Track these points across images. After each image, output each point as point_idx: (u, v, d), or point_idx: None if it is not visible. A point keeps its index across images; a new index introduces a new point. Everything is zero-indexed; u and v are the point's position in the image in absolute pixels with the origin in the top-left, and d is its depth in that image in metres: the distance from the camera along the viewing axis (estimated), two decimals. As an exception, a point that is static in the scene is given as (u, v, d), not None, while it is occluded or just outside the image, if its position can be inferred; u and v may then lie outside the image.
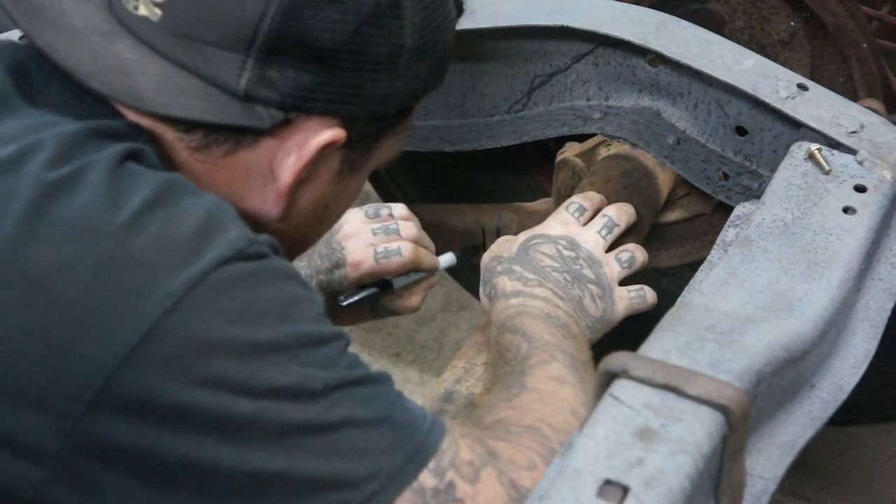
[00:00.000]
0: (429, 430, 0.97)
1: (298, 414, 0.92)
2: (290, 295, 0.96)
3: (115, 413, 0.89)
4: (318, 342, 0.95)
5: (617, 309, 1.37)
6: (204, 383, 0.89)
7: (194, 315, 0.90)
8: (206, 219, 0.94)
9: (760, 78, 1.42)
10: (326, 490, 0.93)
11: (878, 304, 1.26)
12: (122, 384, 0.88)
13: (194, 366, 0.89)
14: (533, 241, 1.37)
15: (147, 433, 0.90)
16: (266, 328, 0.92)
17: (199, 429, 0.90)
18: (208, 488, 0.92)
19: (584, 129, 1.56)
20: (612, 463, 0.87)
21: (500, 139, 1.61)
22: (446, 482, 0.97)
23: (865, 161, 1.34)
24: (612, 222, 1.40)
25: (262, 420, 0.91)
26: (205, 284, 0.91)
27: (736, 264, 1.20)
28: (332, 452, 0.93)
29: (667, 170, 1.55)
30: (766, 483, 1.05)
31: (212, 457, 0.91)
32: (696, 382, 0.94)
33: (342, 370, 0.95)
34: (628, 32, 1.49)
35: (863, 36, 1.54)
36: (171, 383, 0.89)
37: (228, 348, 0.90)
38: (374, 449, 0.94)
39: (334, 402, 0.94)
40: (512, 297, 1.30)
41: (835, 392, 1.16)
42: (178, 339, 0.89)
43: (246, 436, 0.91)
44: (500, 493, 0.99)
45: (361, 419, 0.95)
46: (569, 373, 1.18)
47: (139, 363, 0.88)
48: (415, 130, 1.65)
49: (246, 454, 0.91)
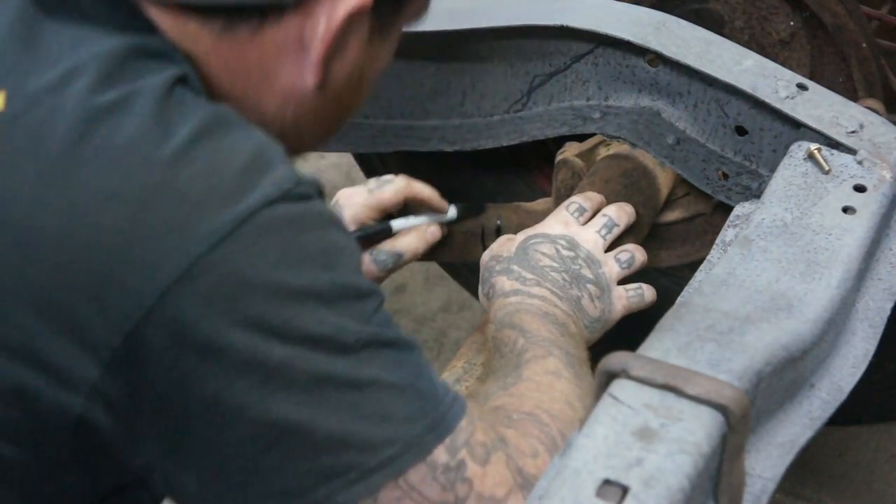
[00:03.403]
0: (450, 406, 0.97)
1: (329, 366, 0.92)
2: (332, 242, 0.95)
3: (152, 346, 0.89)
4: (356, 294, 0.95)
5: (615, 309, 1.37)
6: (241, 324, 0.89)
7: (237, 254, 0.89)
8: (253, 155, 0.93)
9: (760, 78, 1.42)
10: (343, 449, 0.93)
11: (878, 303, 1.26)
12: (161, 318, 0.88)
13: (233, 305, 0.89)
14: (532, 241, 1.37)
15: (179, 369, 0.89)
16: (307, 274, 0.92)
17: (231, 370, 0.90)
18: (228, 433, 0.92)
19: (583, 129, 1.56)
20: (611, 463, 0.87)
21: (500, 139, 1.61)
22: (458, 460, 0.96)
23: (865, 161, 1.34)
24: (612, 222, 1.40)
25: (293, 368, 0.91)
26: (250, 224, 0.90)
27: (735, 264, 1.20)
28: (355, 411, 0.93)
29: (667, 170, 1.55)
30: (766, 483, 1.05)
31: (238, 400, 0.90)
32: (696, 382, 0.94)
33: (376, 327, 0.95)
34: (628, 32, 1.48)
35: (863, 36, 1.54)
36: (208, 321, 0.89)
37: (268, 291, 0.90)
38: (395, 415, 0.94)
39: (364, 360, 0.93)
40: (510, 296, 1.30)
41: (834, 392, 1.16)
42: (219, 277, 0.89)
43: (274, 383, 0.90)
44: (507, 478, 0.99)
45: (388, 382, 0.94)
46: (564, 368, 1.18)
47: (178, 298, 0.88)
48: (414, 130, 1.65)
49: (271, 402, 0.91)
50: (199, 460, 0.94)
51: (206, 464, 0.94)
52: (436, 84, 1.64)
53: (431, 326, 2.45)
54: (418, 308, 2.49)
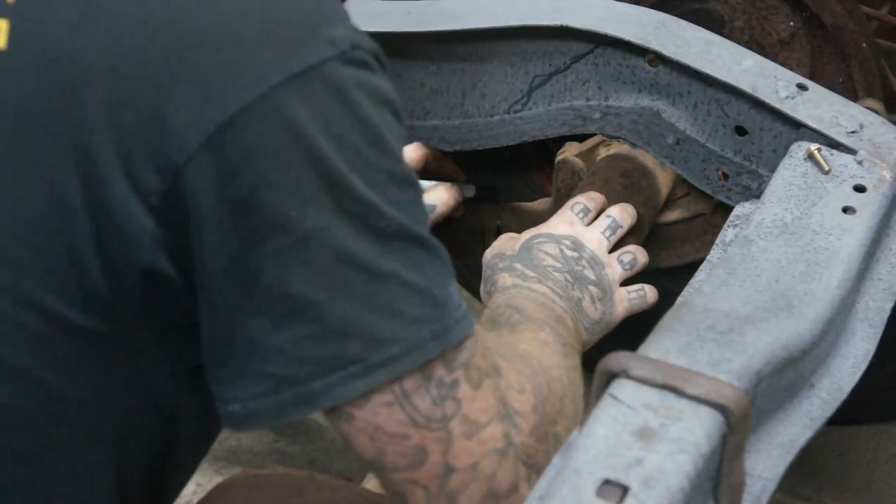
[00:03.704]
0: (459, 320, 0.96)
1: (354, 246, 0.90)
2: (381, 121, 0.92)
3: (193, 192, 0.87)
4: (395, 178, 0.92)
5: (616, 311, 1.37)
6: (278, 184, 0.87)
7: (285, 108, 0.87)
8: (314, 7, 0.91)
9: (760, 78, 1.42)
10: (349, 339, 0.91)
11: (878, 303, 1.26)
12: (201, 165, 0.86)
13: (272, 164, 0.87)
14: (536, 240, 1.37)
15: (214, 219, 0.88)
16: (350, 144, 0.89)
17: (260, 230, 0.88)
18: (243, 297, 0.90)
19: (584, 129, 1.56)
20: (611, 463, 0.87)
21: (500, 139, 1.61)
22: (452, 378, 0.96)
23: (865, 161, 1.34)
24: (616, 223, 1.40)
25: (320, 241, 0.89)
26: (302, 79, 0.87)
27: (735, 264, 1.21)
28: (370, 301, 0.91)
29: (667, 170, 1.55)
30: (766, 483, 1.05)
31: (260, 264, 0.89)
32: (696, 382, 0.94)
33: (408, 219, 0.93)
34: (628, 32, 1.49)
35: (863, 36, 1.54)
36: (246, 175, 0.87)
37: (311, 155, 0.88)
38: (405, 314, 0.92)
39: (389, 250, 0.91)
40: (510, 289, 1.30)
41: (834, 392, 1.16)
42: (263, 130, 0.86)
43: (299, 253, 0.89)
44: (493, 406, 0.98)
45: (406, 280, 0.92)
46: (554, 343, 1.18)
47: (220, 147, 0.86)
48: (414, 130, 1.65)
49: (292, 274, 0.89)
50: (211, 320, 0.93)
51: (216, 325, 0.93)
52: (436, 84, 1.64)
53: (431, 326, 2.44)
54: (418, 308, 2.49)
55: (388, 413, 0.94)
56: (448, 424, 0.95)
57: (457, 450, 0.96)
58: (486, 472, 0.97)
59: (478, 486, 0.97)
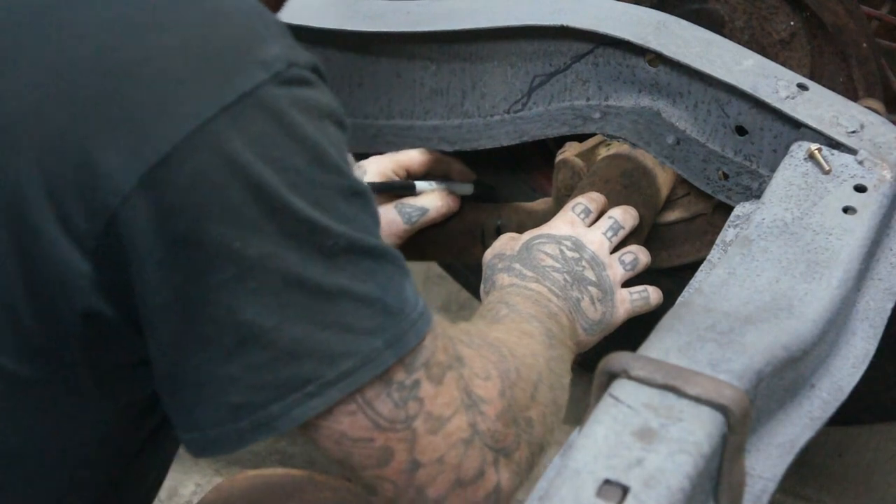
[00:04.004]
0: (414, 322, 0.95)
1: (302, 268, 0.89)
2: (322, 136, 0.90)
3: (131, 232, 0.86)
4: (340, 192, 0.91)
5: (617, 312, 1.37)
6: (218, 217, 0.86)
7: (221, 142, 0.85)
8: (245, 30, 0.89)
9: (760, 78, 1.42)
10: (303, 359, 0.90)
11: (878, 303, 1.26)
12: (138, 205, 0.85)
13: (211, 197, 0.86)
14: (536, 241, 1.37)
15: (155, 258, 0.86)
16: (291, 167, 0.88)
17: (203, 265, 0.87)
18: (192, 330, 0.89)
19: (584, 129, 1.56)
20: (611, 463, 0.88)
21: (500, 139, 1.60)
22: (413, 379, 0.95)
23: (865, 161, 1.34)
24: (618, 224, 1.40)
25: (267, 267, 0.88)
26: (236, 108, 0.86)
27: (736, 264, 1.21)
28: (320, 320, 0.90)
29: (667, 170, 1.55)
30: (766, 483, 1.05)
31: (207, 297, 0.88)
32: (696, 382, 0.94)
33: (357, 231, 0.92)
34: (628, 32, 1.48)
35: (863, 36, 1.54)
36: (185, 211, 0.85)
37: (250, 184, 0.86)
38: (357, 327, 0.92)
39: (337, 267, 0.91)
40: (506, 288, 1.31)
41: (834, 392, 1.16)
42: (199, 165, 0.85)
43: (246, 281, 0.88)
44: (456, 398, 0.98)
45: (357, 294, 0.92)
46: (539, 335, 1.18)
47: (156, 185, 0.85)
48: (414, 130, 1.65)
49: (241, 301, 0.88)
50: (161, 355, 0.92)
51: (166, 359, 0.92)
52: (436, 84, 1.64)
53: (431, 326, 2.45)
54: (418, 308, 2.49)
55: (352, 421, 0.94)
56: (412, 424, 0.96)
57: (422, 446, 0.97)
58: (453, 462, 0.98)
59: (445, 477, 0.98)
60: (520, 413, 1.04)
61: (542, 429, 1.07)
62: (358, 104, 1.66)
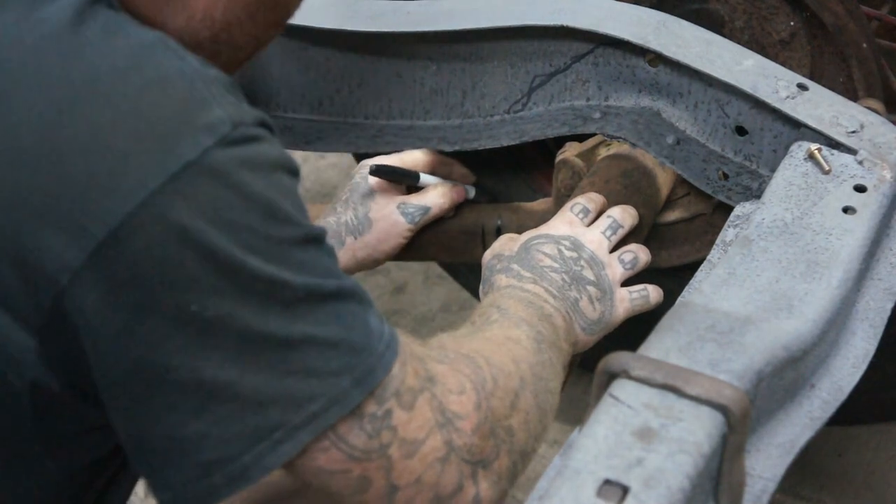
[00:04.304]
0: (381, 355, 0.95)
1: (261, 324, 0.89)
2: (274, 191, 0.90)
3: (82, 307, 0.86)
4: (295, 242, 0.92)
5: (617, 311, 1.37)
6: (172, 284, 0.86)
7: (169, 212, 0.85)
8: (186, 95, 0.88)
9: (760, 78, 1.42)
10: (269, 407, 0.91)
11: (878, 304, 1.26)
12: (88, 281, 0.85)
13: (164, 267, 0.85)
14: (535, 241, 1.37)
15: (109, 329, 0.86)
16: (245, 230, 0.88)
17: (161, 332, 0.87)
18: (154, 398, 0.89)
19: (584, 129, 1.56)
20: (611, 463, 0.88)
21: (500, 139, 1.60)
22: (385, 410, 0.96)
23: (865, 161, 1.34)
24: (617, 223, 1.40)
25: (225, 327, 0.88)
26: (182, 178, 0.85)
27: (736, 264, 1.21)
28: (283, 368, 0.91)
29: (667, 170, 1.55)
30: (766, 483, 1.05)
31: (166, 362, 0.88)
32: (696, 382, 0.94)
33: (315, 277, 0.92)
34: (628, 32, 1.48)
35: (863, 36, 1.54)
36: (138, 281, 0.85)
37: (202, 251, 0.86)
38: (322, 370, 0.92)
39: (298, 316, 0.91)
40: (503, 289, 1.30)
41: (834, 392, 1.16)
42: (148, 238, 0.85)
43: (205, 342, 0.88)
44: (429, 419, 0.99)
45: (320, 338, 0.92)
46: (527, 340, 1.18)
47: (106, 260, 0.85)
48: (414, 130, 1.65)
49: (201, 362, 0.88)
50: (125, 423, 0.92)
51: (131, 427, 0.92)
52: (436, 84, 1.64)
53: (431, 326, 2.45)
54: (418, 308, 2.49)
55: (327, 456, 0.95)
56: (387, 451, 0.97)
57: (398, 471, 0.97)
58: (430, 482, 0.99)
59: (423, 496, 0.99)
60: (498, 423, 1.04)
61: (525, 436, 1.07)
62: (358, 104, 1.66)
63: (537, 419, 1.10)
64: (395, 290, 2.53)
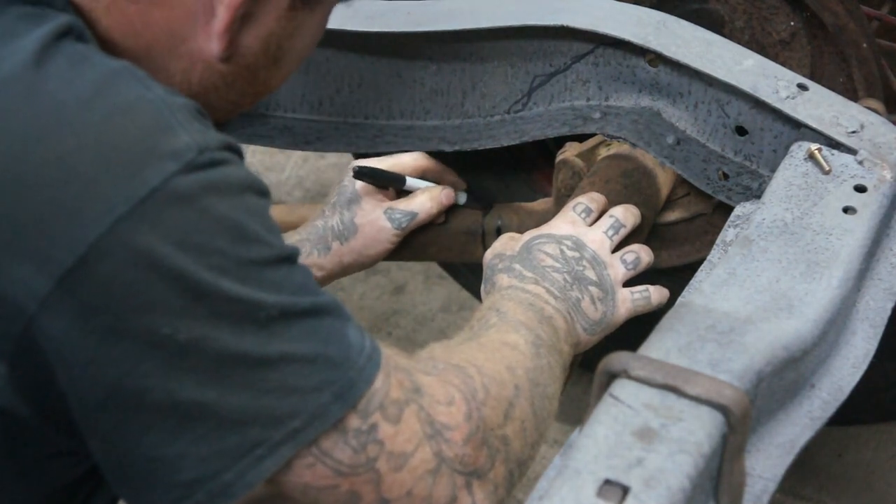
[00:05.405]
0: (362, 369, 0.95)
1: (236, 345, 0.89)
2: (242, 213, 0.90)
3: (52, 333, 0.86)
4: (267, 263, 0.92)
5: (618, 312, 1.36)
6: (143, 308, 0.86)
7: (136, 238, 0.85)
8: (152, 122, 0.88)
9: (760, 78, 1.42)
10: (247, 426, 0.91)
11: (878, 304, 1.26)
12: (58, 306, 0.85)
13: (133, 291, 0.85)
14: (537, 241, 1.37)
15: (82, 355, 0.86)
16: (215, 254, 0.88)
17: (133, 355, 0.87)
18: (131, 422, 0.89)
19: (584, 129, 1.56)
20: (611, 463, 0.88)
21: (500, 139, 1.60)
22: (370, 424, 0.96)
23: (865, 161, 1.34)
24: (619, 223, 1.40)
25: (199, 349, 0.88)
26: (149, 204, 0.85)
27: (736, 264, 1.21)
28: (261, 387, 0.91)
29: (667, 170, 1.55)
30: (766, 483, 1.05)
31: (141, 385, 0.88)
32: (696, 382, 0.94)
33: (289, 295, 0.92)
34: (628, 32, 1.49)
35: (863, 36, 1.54)
36: (109, 306, 0.86)
37: (171, 275, 0.86)
38: (301, 387, 0.92)
39: (273, 335, 0.91)
40: (504, 290, 1.30)
41: (835, 392, 1.16)
42: (116, 263, 0.85)
43: (179, 365, 0.88)
44: (417, 431, 0.99)
45: (297, 356, 0.92)
46: (525, 345, 1.17)
47: (76, 285, 0.85)
48: (414, 130, 1.65)
49: (176, 385, 0.88)
50: (102, 446, 0.92)
51: (108, 450, 0.92)
52: (436, 84, 1.64)
53: (431, 326, 2.45)
54: (418, 308, 2.49)
55: (312, 472, 0.95)
56: (374, 465, 0.96)
57: (388, 484, 0.97)
58: (422, 494, 0.99)
59: None
60: (492, 432, 1.04)
61: (521, 444, 1.07)
62: (358, 104, 1.66)
63: (533, 427, 1.10)
64: (395, 290, 2.53)
